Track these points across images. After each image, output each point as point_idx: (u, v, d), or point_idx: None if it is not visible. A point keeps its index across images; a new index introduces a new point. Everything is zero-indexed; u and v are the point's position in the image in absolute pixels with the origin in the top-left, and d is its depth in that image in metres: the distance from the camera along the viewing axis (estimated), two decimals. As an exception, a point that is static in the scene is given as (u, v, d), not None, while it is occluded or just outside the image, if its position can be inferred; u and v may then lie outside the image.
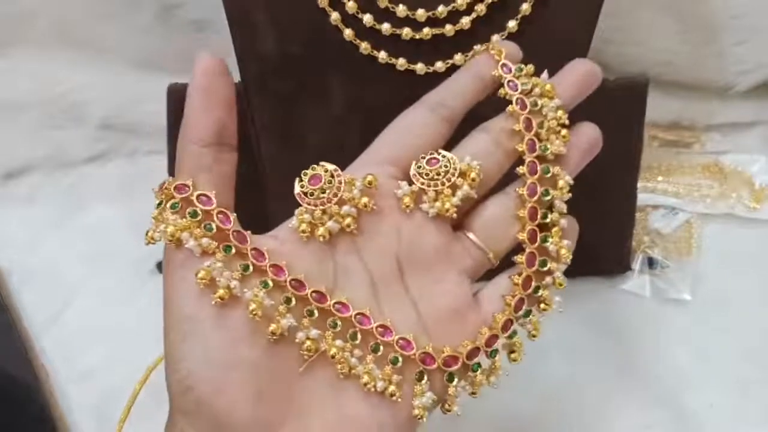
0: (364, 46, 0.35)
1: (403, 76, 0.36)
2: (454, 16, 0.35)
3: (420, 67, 0.36)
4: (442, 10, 0.34)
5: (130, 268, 0.47)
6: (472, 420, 0.40)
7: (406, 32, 0.35)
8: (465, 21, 0.35)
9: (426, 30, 0.35)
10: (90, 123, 0.51)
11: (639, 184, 0.44)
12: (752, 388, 0.41)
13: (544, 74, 0.31)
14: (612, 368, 0.42)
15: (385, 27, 0.35)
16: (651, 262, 0.46)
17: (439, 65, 0.36)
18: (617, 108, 0.39)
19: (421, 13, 0.34)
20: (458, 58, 0.35)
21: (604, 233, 0.44)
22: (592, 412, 0.40)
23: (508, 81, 0.30)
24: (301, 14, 0.35)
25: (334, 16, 0.35)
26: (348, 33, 0.35)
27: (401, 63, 0.35)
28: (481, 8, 0.35)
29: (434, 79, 0.34)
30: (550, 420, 0.40)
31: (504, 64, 0.31)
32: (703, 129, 0.52)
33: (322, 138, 0.38)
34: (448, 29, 0.35)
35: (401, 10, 0.34)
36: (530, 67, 0.31)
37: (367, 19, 0.35)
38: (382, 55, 0.35)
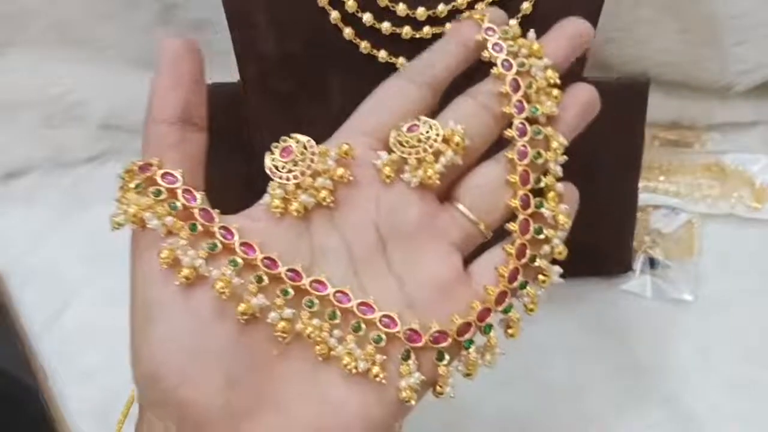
0: (364, 45, 0.35)
1: (403, 76, 0.36)
2: (454, 15, 0.35)
3: (420, 67, 0.35)
4: (442, 8, 0.34)
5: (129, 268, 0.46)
6: (472, 420, 0.40)
7: (407, 31, 0.35)
8: (465, 20, 0.35)
9: (426, 29, 0.35)
10: (90, 123, 0.51)
11: (640, 184, 0.44)
12: (753, 388, 0.41)
13: (531, 33, 0.29)
14: (612, 368, 0.42)
15: (385, 26, 0.35)
16: (652, 263, 0.46)
17: (440, 64, 0.35)
18: (618, 108, 0.39)
19: (421, 12, 0.34)
20: (458, 57, 0.35)
21: (605, 233, 0.43)
22: (592, 413, 0.40)
23: (493, 44, 0.29)
24: (301, 14, 0.35)
25: (334, 14, 0.34)
26: (348, 32, 0.35)
27: (401, 62, 0.35)
28: (481, 7, 0.34)
29: (434, 79, 0.34)
30: (550, 420, 0.40)
31: (488, 28, 0.29)
32: (704, 129, 0.52)
33: (322, 137, 0.38)
34: (449, 28, 0.35)
35: (401, 8, 0.34)
36: (516, 28, 0.29)
37: (367, 17, 0.34)
38: (382, 54, 0.35)
